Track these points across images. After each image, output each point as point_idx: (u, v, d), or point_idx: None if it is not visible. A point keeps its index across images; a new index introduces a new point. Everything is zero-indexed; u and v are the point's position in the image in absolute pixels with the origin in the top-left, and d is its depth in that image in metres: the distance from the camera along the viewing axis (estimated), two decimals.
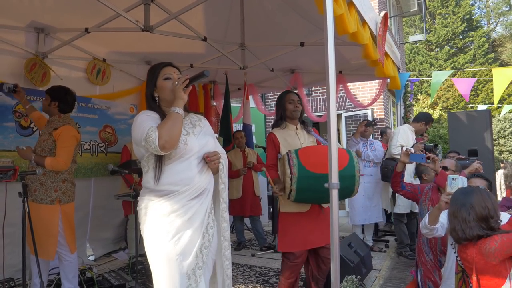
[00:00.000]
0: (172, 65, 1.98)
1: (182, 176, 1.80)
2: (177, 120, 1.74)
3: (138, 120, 1.81)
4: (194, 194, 1.83)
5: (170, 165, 1.80)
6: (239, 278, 3.82)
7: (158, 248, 1.77)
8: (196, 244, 1.82)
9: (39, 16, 3.61)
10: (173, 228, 1.77)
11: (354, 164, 2.62)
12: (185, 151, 1.81)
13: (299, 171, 2.56)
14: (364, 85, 8.41)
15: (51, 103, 3.01)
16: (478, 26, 22.60)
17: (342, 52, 4.41)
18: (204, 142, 1.92)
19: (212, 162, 1.89)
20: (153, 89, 1.93)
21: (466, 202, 2.08)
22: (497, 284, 1.94)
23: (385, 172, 4.62)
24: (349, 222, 4.88)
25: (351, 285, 2.63)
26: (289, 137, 2.91)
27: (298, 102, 2.95)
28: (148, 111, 1.89)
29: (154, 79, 1.93)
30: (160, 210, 1.78)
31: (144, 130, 1.72)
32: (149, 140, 1.68)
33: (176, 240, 1.77)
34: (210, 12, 3.91)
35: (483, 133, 5.47)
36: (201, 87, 6.16)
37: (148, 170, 1.82)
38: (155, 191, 1.79)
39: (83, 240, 4.46)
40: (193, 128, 1.92)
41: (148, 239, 1.80)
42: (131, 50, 4.62)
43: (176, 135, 1.74)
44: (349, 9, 2.63)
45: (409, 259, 4.42)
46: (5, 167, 2.27)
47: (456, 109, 18.10)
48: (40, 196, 2.86)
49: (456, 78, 6.74)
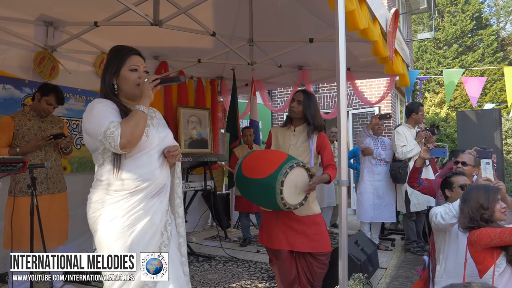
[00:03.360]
0: (140, 54, 1.84)
1: (144, 171, 1.69)
2: (141, 120, 1.64)
3: (94, 110, 1.65)
4: (154, 191, 1.73)
5: (130, 158, 1.68)
6: (244, 274, 3.83)
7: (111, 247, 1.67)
8: (153, 244, 1.72)
9: (48, 10, 3.61)
10: (132, 230, 1.66)
11: (277, 176, 2.47)
12: (146, 144, 1.71)
13: (237, 171, 2.71)
14: (372, 82, 8.36)
15: None
16: (487, 24, 22.34)
17: (351, 48, 4.38)
18: (164, 135, 1.83)
19: (175, 157, 1.81)
20: (114, 76, 1.76)
21: (469, 196, 2.26)
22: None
23: (393, 174, 4.59)
24: (356, 218, 4.86)
25: (358, 283, 2.62)
26: (282, 137, 2.95)
27: (298, 102, 2.87)
28: (105, 100, 1.73)
29: (117, 66, 1.76)
30: (119, 208, 1.66)
31: (103, 124, 1.59)
32: (109, 136, 1.56)
33: (132, 242, 1.66)
34: (219, 7, 3.90)
35: (493, 132, 5.43)
36: (208, 82, 6.16)
37: (103, 163, 1.69)
38: (112, 185, 1.67)
39: (89, 233, 4.47)
40: (151, 120, 1.81)
41: (102, 239, 1.69)
42: (139, 44, 4.55)
43: (139, 136, 1.64)
44: (360, 5, 2.60)
45: (417, 255, 4.41)
46: (14, 159, 2.28)
47: (464, 108, 17.95)
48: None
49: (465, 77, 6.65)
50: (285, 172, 2.47)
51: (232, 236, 5.58)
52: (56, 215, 3.13)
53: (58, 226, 3.14)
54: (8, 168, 2.23)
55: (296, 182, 2.58)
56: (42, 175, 3.04)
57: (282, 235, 2.78)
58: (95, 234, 1.72)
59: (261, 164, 2.63)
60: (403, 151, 4.46)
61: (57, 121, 3.30)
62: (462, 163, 3.20)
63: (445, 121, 14.27)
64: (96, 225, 1.70)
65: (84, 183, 3.44)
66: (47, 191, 3.07)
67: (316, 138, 2.86)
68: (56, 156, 3.20)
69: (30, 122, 3.05)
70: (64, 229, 3.25)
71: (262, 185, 2.55)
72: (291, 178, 2.52)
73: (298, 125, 2.92)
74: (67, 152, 3.29)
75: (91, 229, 1.75)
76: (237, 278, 3.72)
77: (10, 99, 3.58)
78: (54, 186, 3.14)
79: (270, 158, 2.65)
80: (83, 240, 4.24)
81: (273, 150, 2.88)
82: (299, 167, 2.58)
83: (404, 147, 4.46)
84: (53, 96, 3.08)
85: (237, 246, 5.04)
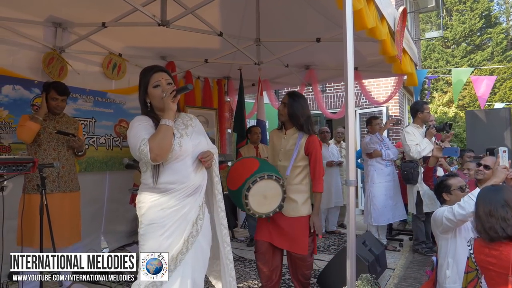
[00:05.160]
0: (162, 69, 2.04)
1: (179, 175, 1.93)
2: (167, 133, 1.84)
3: (132, 130, 1.91)
4: (189, 191, 1.96)
5: (167, 165, 1.92)
6: (251, 274, 3.82)
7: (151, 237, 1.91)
8: (184, 234, 1.95)
9: (57, 11, 3.64)
10: (169, 221, 1.91)
11: (242, 190, 2.65)
12: (180, 152, 1.93)
13: (225, 180, 2.85)
14: (379, 82, 8.31)
15: (66, 99, 3.27)
16: (496, 22, 22.12)
17: (358, 48, 4.35)
18: (197, 142, 2.04)
19: (207, 162, 2.02)
20: (145, 96, 2.01)
21: (500, 199, 2.05)
22: None
23: (405, 175, 4.52)
24: (373, 222, 4.77)
25: (366, 284, 2.60)
26: (277, 140, 2.99)
27: (284, 104, 2.86)
28: (142, 116, 1.99)
29: (145, 86, 2.00)
30: (159, 205, 1.91)
31: (137, 142, 1.82)
32: (141, 153, 1.80)
33: (169, 234, 1.91)
34: (226, 7, 3.90)
35: (503, 132, 5.36)
36: (215, 82, 6.17)
37: (146, 170, 1.95)
38: (153, 188, 1.92)
39: (98, 233, 4.52)
40: (186, 129, 2.03)
41: (144, 229, 1.93)
42: (146, 45, 4.65)
43: (167, 148, 1.85)
44: (368, 4, 2.58)
45: (426, 256, 4.37)
46: (24, 159, 2.30)
47: (473, 107, 17.77)
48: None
49: (475, 76, 6.57)
50: (248, 187, 2.63)
51: (239, 236, 5.58)
52: (68, 214, 3.18)
53: (69, 225, 3.18)
54: (18, 168, 2.26)
55: (264, 193, 2.69)
56: (54, 174, 3.10)
57: (266, 229, 2.88)
58: (141, 226, 1.96)
59: (235, 176, 2.83)
60: (417, 150, 4.36)
61: (72, 122, 3.39)
62: (485, 167, 3.09)
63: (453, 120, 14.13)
64: (142, 218, 1.95)
65: (92, 183, 3.49)
66: (58, 190, 3.12)
67: (305, 141, 2.80)
68: (68, 156, 3.25)
69: (45, 122, 3.14)
70: (77, 229, 3.29)
71: (235, 195, 2.81)
72: (257, 190, 2.66)
73: (289, 128, 2.92)
74: (80, 154, 3.38)
75: (139, 222, 1.99)
76: (244, 278, 3.73)
77: (19, 100, 3.62)
78: (66, 185, 3.19)
79: (241, 171, 2.82)
80: (92, 239, 4.28)
81: (248, 160, 2.96)
82: (264, 180, 2.66)
83: (418, 145, 4.41)
84: (53, 90, 3.15)
85: (244, 246, 5.04)
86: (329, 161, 5.66)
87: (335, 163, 5.70)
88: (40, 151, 3.10)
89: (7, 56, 3.55)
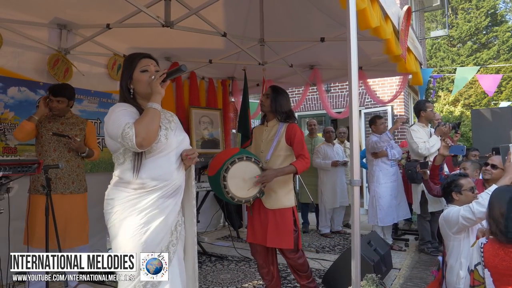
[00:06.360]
0: (150, 56, 1.92)
1: (162, 171, 1.78)
2: (155, 116, 1.70)
3: (113, 114, 1.75)
4: (170, 191, 1.81)
5: (150, 159, 1.76)
6: (257, 274, 3.82)
7: (125, 243, 1.72)
8: (163, 243, 1.79)
9: (61, 13, 3.66)
10: (147, 228, 1.73)
11: (220, 172, 2.58)
12: (166, 145, 1.80)
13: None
14: (384, 81, 8.28)
15: (69, 102, 3.25)
16: (502, 21, 21.90)
17: (363, 47, 4.34)
18: (181, 139, 1.93)
19: (192, 160, 1.90)
20: (128, 81, 1.86)
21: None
22: None
23: (409, 174, 4.49)
24: (379, 223, 4.75)
25: (371, 284, 2.59)
26: (259, 133, 3.02)
27: (267, 96, 2.93)
28: (124, 103, 1.83)
29: (130, 71, 1.85)
30: (135, 205, 1.73)
31: (120, 126, 1.66)
32: (125, 137, 1.63)
33: (146, 239, 1.73)
34: (229, 8, 3.90)
35: (509, 130, 5.32)
36: (219, 83, 6.17)
37: (124, 162, 1.77)
38: (132, 183, 1.74)
39: (103, 233, 4.53)
40: (169, 124, 1.91)
41: (117, 235, 1.75)
42: (150, 46, 4.65)
43: (154, 132, 1.70)
44: (372, 3, 2.57)
45: (431, 256, 4.35)
46: (29, 161, 2.31)
47: (479, 106, 17.65)
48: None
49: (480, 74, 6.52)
50: (226, 168, 2.56)
51: (244, 236, 5.57)
52: (70, 216, 3.16)
53: (75, 227, 3.19)
54: (23, 169, 2.27)
55: (243, 175, 2.64)
56: (52, 175, 3.07)
57: (251, 230, 2.89)
58: (110, 230, 1.78)
59: (214, 163, 2.76)
60: (425, 147, 4.33)
61: (79, 123, 3.35)
62: (492, 166, 3.06)
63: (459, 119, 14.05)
64: (112, 220, 1.76)
65: (98, 184, 3.45)
66: (55, 191, 3.08)
67: (285, 129, 2.83)
68: (70, 157, 3.24)
69: (49, 124, 3.18)
70: (84, 231, 3.30)
71: (214, 181, 2.70)
72: (235, 173, 2.60)
73: (270, 119, 2.96)
74: (84, 156, 3.33)
75: (107, 224, 1.81)
76: (250, 278, 3.72)
77: (25, 101, 3.64)
78: (65, 187, 3.18)
79: (221, 156, 2.76)
80: (97, 240, 4.29)
81: (230, 149, 3.01)
82: (243, 161, 2.63)
83: (426, 142, 4.37)
84: (49, 91, 3.20)
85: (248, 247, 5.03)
86: (334, 160, 5.63)
87: (340, 163, 5.67)
88: (43, 152, 3.14)
89: (13, 58, 3.58)
